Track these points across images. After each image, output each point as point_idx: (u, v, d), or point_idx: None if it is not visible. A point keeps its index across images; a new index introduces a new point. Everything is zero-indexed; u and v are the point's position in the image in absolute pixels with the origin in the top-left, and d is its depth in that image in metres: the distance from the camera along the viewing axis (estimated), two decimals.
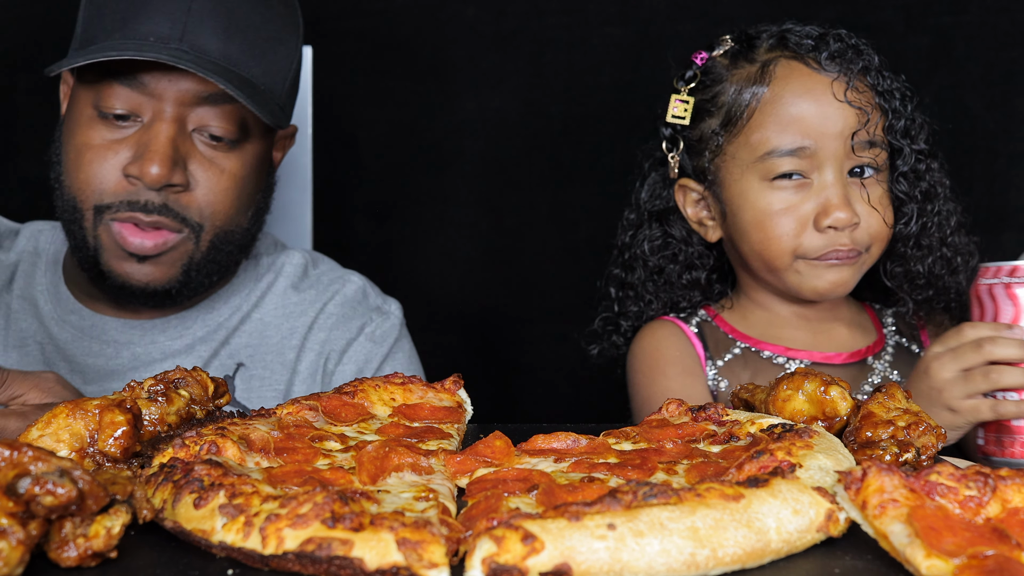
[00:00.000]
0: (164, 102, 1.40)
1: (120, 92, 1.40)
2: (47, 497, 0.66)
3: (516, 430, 0.96)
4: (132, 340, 1.54)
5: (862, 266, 1.45)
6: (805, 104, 1.40)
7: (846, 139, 1.39)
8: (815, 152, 1.39)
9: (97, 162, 1.41)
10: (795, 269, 1.43)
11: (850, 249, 1.41)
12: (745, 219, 1.45)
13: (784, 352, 1.51)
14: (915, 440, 0.90)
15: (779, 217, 1.41)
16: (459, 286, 2.39)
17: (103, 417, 0.88)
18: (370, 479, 0.82)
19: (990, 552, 0.64)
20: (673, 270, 1.58)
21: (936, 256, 1.48)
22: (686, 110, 1.50)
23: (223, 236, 1.48)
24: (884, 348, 1.53)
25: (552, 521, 0.67)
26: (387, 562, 0.66)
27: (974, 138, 2.20)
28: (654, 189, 1.59)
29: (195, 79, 1.39)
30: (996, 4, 2.16)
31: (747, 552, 0.68)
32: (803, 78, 1.42)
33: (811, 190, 1.40)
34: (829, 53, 1.41)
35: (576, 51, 2.30)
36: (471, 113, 2.34)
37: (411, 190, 2.38)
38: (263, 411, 0.98)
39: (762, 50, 1.46)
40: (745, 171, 1.44)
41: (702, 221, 1.54)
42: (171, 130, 1.39)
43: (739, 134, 1.44)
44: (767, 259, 1.44)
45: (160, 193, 1.40)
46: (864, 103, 1.40)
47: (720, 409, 0.97)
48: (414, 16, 2.32)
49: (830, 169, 1.39)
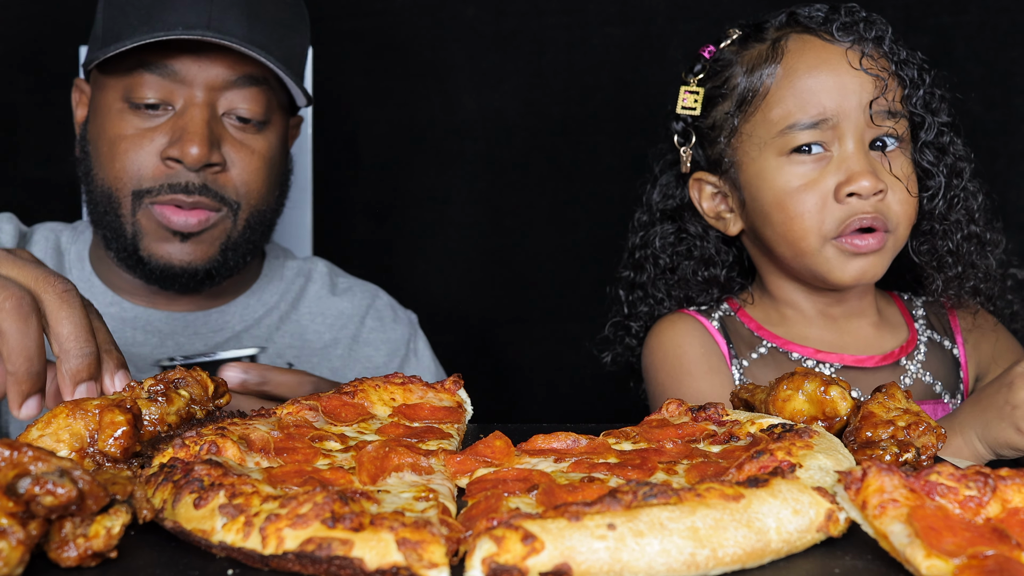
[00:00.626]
0: (194, 88, 1.46)
1: (151, 81, 1.45)
2: (47, 497, 0.66)
3: (516, 430, 0.96)
4: (176, 331, 1.58)
5: (889, 251, 1.40)
6: (822, 75, 1.37)
7: (865, 108, 1.36)
8: (836, 123, 1.36)
9: (133, 150, 1.47)
10: (824, 255, 1.38)
11: (873, 217, 1.35)
12: (766, 200, 1.40)
13: (814, 355, 1.47)
14: (915, 440, 0.90)
15: (800, 193, 1.37)
16: (459, 286, 2.39)
17: (103, 417, 0.88)
18: (370, 479, 0.82)
19: (990, 552, 0.64)
20: (688, 266, 1.54)
21: (964, 233, 1.44)
22: (696, 100, 1.47)
23: (257, 215, 1.54)
24: (916, 347, 1.49)
25: (552, 521, 0.67)
26: (387, 562, 0.66)
27: (974, 138, 2.19)
28: (666, 189, 1.56)
29: (223, 64, 1.46)
30: (996, 4, 2.16)
31: (747, 552, 0.69)
32: (816, 50, 1.39)
33: (831, 163, 1.36)
34: (840, 23, 1.39)
35: (576, 51, 2.30)
36: (471, 113, 2.33)
37: (411, 190, 2.38)
38: (263, 411, 0.98)
39: (771, 29, 1.44)
40: (763, 149, 1.40)
41: (720, 215, 1.50)
42: (205, 113, 1.45)
43: (755, 112, 1.41)
44: (792, 241, 1.39)
45: (199, 174, 1.46)
46: (880, 70, 1.37)
47: (720, 409, 0.97)
48: (414, 16, 2.32)
49: (850, 140, 1.36)
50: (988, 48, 2.17)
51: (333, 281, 1.75)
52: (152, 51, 1.44)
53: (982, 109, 2.19)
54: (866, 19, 1.41)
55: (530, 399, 2.39)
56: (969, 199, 1.45)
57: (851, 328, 1.50)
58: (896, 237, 1.39)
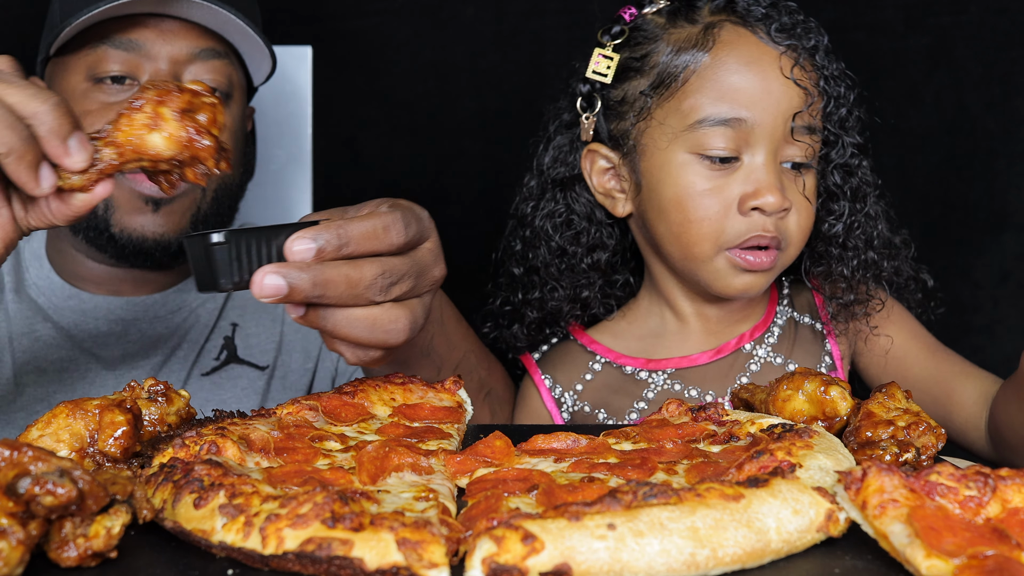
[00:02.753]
0: (158, 61, 1.46)
1: (114, 55, 1.45)
2: (47, 497, 0.66)
3: (516, 430, 0.96)
4: (138, 317, 1.58)
5: (777, 270, 1.35)
6: (749, 74, 1.29)
7: (786, 119, 1.29)
8: (751, 128, 1.28)
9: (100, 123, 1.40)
10: (714, 265, 1.32)
11: (772, 237, 1.29)
12: (665, 195, 1.32)
13: (644, 366, 1.42)
14: (915, 440, 0.90)
15: (703, 197, 1.29)
16: (458, 286, 2.39)
17: (103, 417, 0.88)
18: (370, 479, 0.82)
19: (990, 552, 0.64)
20: (576, 252, 1.45)
21: (861, 260, 1.39)
22: (609, 67, 1.38)
23: (224, 190, 1.56)
24: (769, 330, 1.44)
25: (552, 521, 0.67)
26: (387, 562, 0.66)
27: (974, 138, 2.20)
28: (559, 153, 1.46)
29: (186, 38, 1.47)
30: (996, 4, 2.16)
31: (747, 552, 0.69)
32: (749, 47, 1.30)
33: (740, 170, 1.29)
34: (780, 25, 1.30)
35: (576, 51, 2.30)
36: (471, 113, 2.33)
37: (411, 190, 2.38)
38: (263, 411, 0.98)
39: (705, 11, 1.34)
40: (672, 141, 1.31)
41: (609, 192, 1.41)
42: None
43: (671, 98, 1.32)
44: (685, 244, 1.32)
45: None
46: (809, 84, 1.30)
47: (720, 409, 0.98)
48: (414, 16, 2.32)
49: (763, 149, 1.28)
50: (988, 48, 2.17)
51: None
52: (113, 27, 1.44)
53: (982, 109, 2.19)
54: (804, 23, 1.33)
55: None
56: (870, 225, 1.39)
57: (724, 329, 1.45)
58: (786, 256, 1.34)
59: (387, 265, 0.93)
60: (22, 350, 1.53)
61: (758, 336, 1.44)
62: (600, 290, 1.48)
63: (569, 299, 1.46)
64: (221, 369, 1.62)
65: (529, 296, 1.48)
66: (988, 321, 2.22)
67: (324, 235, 0.88)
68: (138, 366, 1.56)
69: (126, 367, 1.55)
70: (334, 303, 0.90)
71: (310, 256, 0.87)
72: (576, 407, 1.44)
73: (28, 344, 1.54)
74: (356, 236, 0.90)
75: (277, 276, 0.85)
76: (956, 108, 2.19)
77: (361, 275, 0.90)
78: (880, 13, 2.20)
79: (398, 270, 0.94)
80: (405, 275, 0.95)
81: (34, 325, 1.55)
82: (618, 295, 1.52)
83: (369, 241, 0.91)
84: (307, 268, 0.87)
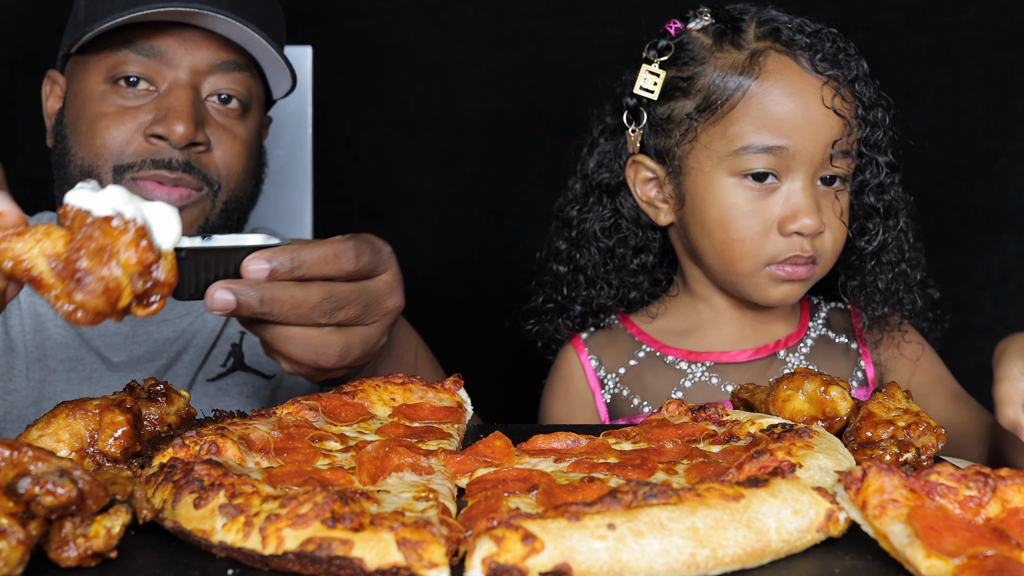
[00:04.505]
0: (179, 70, 1.47)
1: (135, 60, 1.46)
2: (47, 497, 0.66)
3: (516, 430, 0.96)
4: (142, 320, 1.56)
5: (814, 280, 1.42)
6: (792, 104, 1.34)
7: (826, 147, 1.35)
8: (792, 155, 1.34)
9: (115, 126, 1.46)
10: (755, 279, 1.39)
11: (809, 256, 1.37)
12: (709, 214, 1.39)
13: (686, 356, 1.48)
14: (915, 440, 0.90)
15: (745, 218, 1.36)
16: (459, 286, 2.39)
17: (103, 417, 0.88)
18: (370, 479, 0.82)
19: (990, 552, 0.64)
20: (624, 254, 1.51)
21: (895, 272, 1.45)
22: (656, 83, 1.42)
23: (234, 201, 1.54)
24: (803, 340, 1.49)
25: (552, 521, 0.67)
26: (387, 562, 0.66)
27: (974, 138, 2.20)
28: (603, 159, 1.51)
29: (208, 48, 1.47)
30: (996, 4, 2.16)
31: (747, 552, 0.69)
32: (794, 77, 1.35)
33: (779, 193, 1.36)
34: (823, 55, 1.36)
35: (576, 51, 2.30)
36: (471, 113, 2.33)
37: (411, 190, 2.38)
38: (263, 411, 0.98)
39: (751, 36, 1.39)
40: (717, 164, 1.37)
41: (652, 202, 1.47)
42: (190, 94, 1.46)
43: (716, 123, 1.37)
44: (728, 260, 1.39)
45: (183, 152, 1.45)
46: (849, 113, 1.36)
47: (720, 409, 0.97)
48: (414, 16, 2.32)
49: (802, 174, 1.35)
50: (988, 48, 2.17)
51: None
52: (136, 32, 1.45)
53: (982, 109, 2.19)
54: (845, 51, 1.38)
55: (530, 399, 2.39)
56: (902, 239, 1.45)
57: (760, 327, 1.50)
58: (822, 268, 1.41)
59: (334, 290, 0.98)
60: (35, 346, 1.53)
61: (792, 345, 1.49)
62: (647, 290, 1.55)
63: (616, 298, 1.53)
64: (227, 376, 1.60)
65: (574, 294, 1.54)
66: (988, 321, 2.22)
67: (279, 257, 0.94)
68: (143, 368, 1.55)
69: (131, 369, 1.54)
70: (279, 320, 0.96)
71: (263, 275, 0.93)
72: (616, 390, 1.50)
73: (39, 341, 1.53)
74: (308, 260, 0.95)
75: (227, 292, 0.92)
76: (956, 108, 2.20)
77: (307, 297, 0.96)
78: (880, 13, 2.20)
79: (344, 296, 0.99)
80: (352, 302, 1.00)
81: (45, 322, 1.55)
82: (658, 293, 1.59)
83: (320, 266, 0.96)
84: (257, 287, 0.93)
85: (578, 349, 1.54)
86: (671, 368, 1.49)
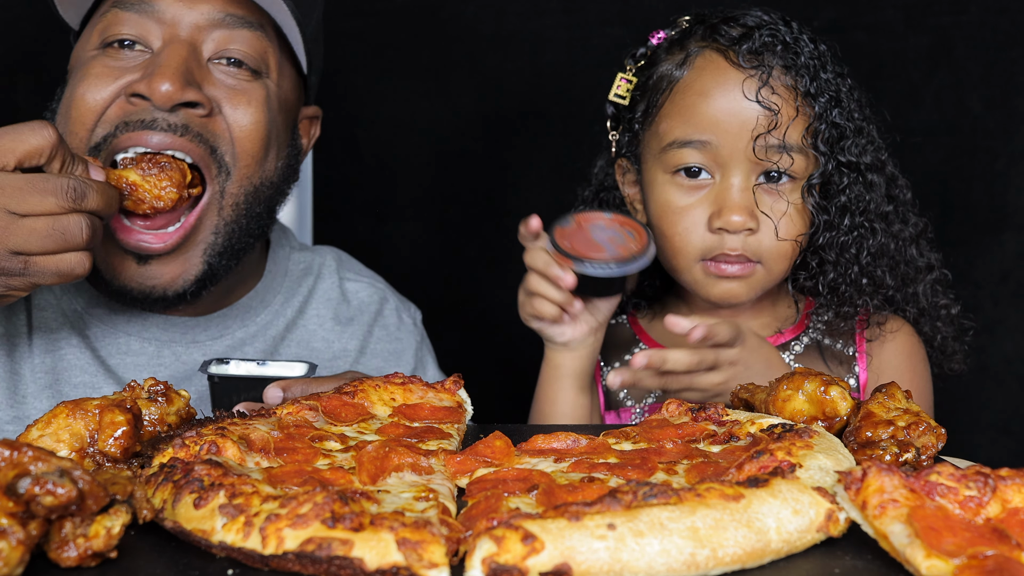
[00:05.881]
0: (177, 28, 1.28)
1: (127, 18, 1.28)
2: (47, 497, 0.66)
3: (516, 430, 0.96)
4: (174, 339, 1.41)
5: (758, 281, 1.38)
6: (712, 98, 1.34)
7: (750, 140, 1.32)
8: (717, 149, 1.33)
9: (93, 88, 1.26)
10: (693, 274, 1.39)
11: (738, 255, 1.35)
12: (651, 211, 1.42)
13: None
14: (915, 440, 0.90)
15: (677, 215, 1.37)
16: (459, 286, 2.39)
17: (103, 417, 0.88)
18: (370, 479, 0.82)
19: (990, 552, 0.64)
20: None
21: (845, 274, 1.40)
22: (628, 90, 1.46)
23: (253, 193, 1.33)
24: (796, 339, 1.48)
25: (552, 521, 0.67)
26: (387, 562, 0.66)
27: (974, 138, 2.20)
28: (603, 165, 1.57)
29: (212, 3, 1.28)
30: (996, 4, 2.16)
31: (747, 552, 0.69)
32: (716, 71, 1.35)
33: (711, 190, 1.35)
34: (751, 47, 1.33)
35: (576, 51, 2.30)
36: (471, 113, 2.33)
37: (411, 190, 2.38)
38: (263, 411, 0.98)
39: (695, 37, 1.40)
40: (654, 162, 1.40)
41: (634, 203, 1.51)
42: (184, 50, 1.26)
43: (652, 122, 1.40)
44: (668, 255, 1.41)
45: (176, 114, 1.25)
46: (776, 104, 1.32)
47: (720, 409, 0.98)
48: (414, 16, 2.31)
49: (733, 171, 1.33)
50: (988, 48, 2.17)
51: (343, 287, 1.61)
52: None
53: (982, 109, 2.19)
54: (789, 44, 1.35)
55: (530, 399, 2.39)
56: (863, 240, 1.40)
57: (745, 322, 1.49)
58: (767, 269, 1.38)
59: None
60: (44, 370, 1.35)
61: (781, 343, 1.48)
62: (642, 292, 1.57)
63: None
64: None
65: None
66: (988, 321, 2.21)
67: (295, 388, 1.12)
68: None
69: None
70: None
71: (278, 401, 1.10)
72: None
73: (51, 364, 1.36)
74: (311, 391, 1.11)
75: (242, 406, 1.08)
76: (956, 108, 2.19)
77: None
78: (880, 13, 2.20)
79: None
80: None
81: (58, 339, 1.37)
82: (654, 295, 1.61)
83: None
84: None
85: None
86: None
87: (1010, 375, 2.22)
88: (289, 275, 1.56)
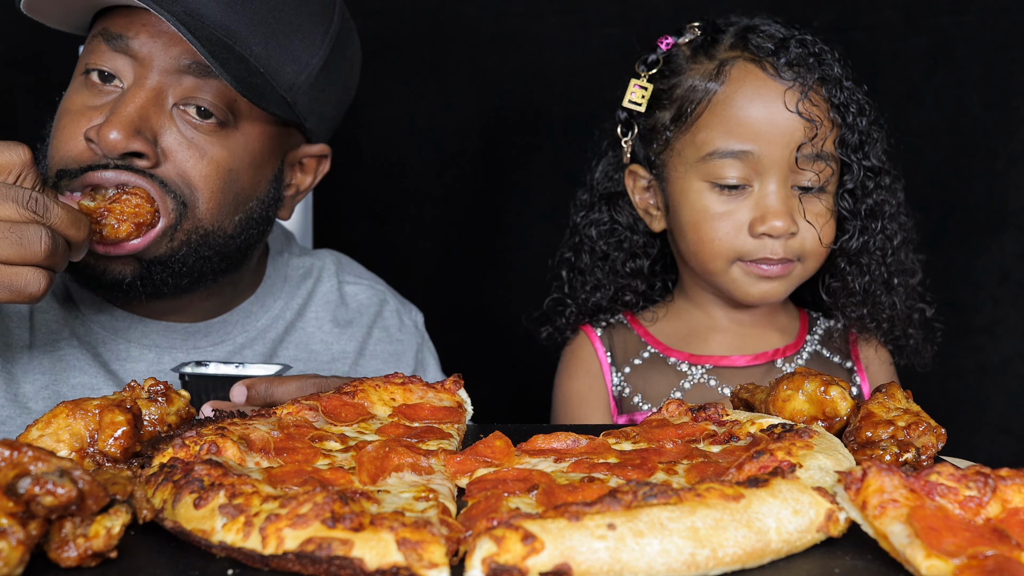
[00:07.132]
0: (147, 69, 1.28)
1: (106, 51, 1.29)
2: (47, 497, 0.66)
3: (516, 430, 0.96)
4: (174, 344, 1.43)
5: (795, 279, 1.45)
6: (754, 109, 1.39)
7: (792, 150, 1.38)
8: (759, 159, 1.38)
9: (69, 126, 1.30)
10: (730, 275, 1.43)
11: (781, 259, 1.40)
12: (684, 218, 1.45)
13: (687, 359, 1.52)
14: (915, 440, 0.90)
15: (716, 220, 1.41)
16: (459, 286, 2.39)
17: (103, 417, 0.88)
18: (370, 479, 0.82)
19: (990, 552, 0.64)
20: (618, 257, 1.58)
21: (874, 275, 1.47)
22: (643, 96, 1.49)
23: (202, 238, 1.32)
24: (799, 352, 1.53)
25: (552, 521, 0.67)
26: (387, 562, 0.66)
27: (974, 138, 2.20)
28: (607, 170, 1.58)
29: (185, 46, 1.26)
30: (996, 4, 2.16)
31: (747, 552, 0.69)
32: (757, 83, 1.40)
33: (751, 197, 1.40)
34: (788, 59, 1.39)
35: (576, 51, 2.30)
36: (471, 113, 2.33)
37: (411, 190, 2.38)
38: (263, 411, 0.98)
39: (723, 47, 1.44)
40: (689, 169, 1.43)
41: (648, 209, 1.54)
42: (144, 97, 1.26)
43: (687, 131, 1.43)
44: (702, 260, 1.45)
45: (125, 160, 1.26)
46: (816, 115, 1.38)
47: (720, 409, 0.98)
48: (414, 16, 2.31)
49: (773, 178, 1.39)
50: (988, 48, 2.17)
51: (342, 290, 1.63)
52: (115, 18, 1.29)
53: (982, 109, 2.19)
54: (817, 55, 1.40)
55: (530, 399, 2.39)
56: (886, 242, 1.47)
57: (756, 334, 1.55)
58: (804, 267, 1.44)
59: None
60: (41, 371, 1.37)
61: (789, 355, 1.53)
62: (643, 294, 1.61)
63: (610, 298, 1.59)
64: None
65: (574, 294, 1.61)
66: (988, 321, 2.22)
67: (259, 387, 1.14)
68: None
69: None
70: None
71: (243, 399, 1.13)
72: (620, 386, 1.54)
73: (48, 364, 1.37)
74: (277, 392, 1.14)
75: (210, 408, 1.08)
76: (956, 108, 2.19)
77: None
78: (880, 13, 2.20)
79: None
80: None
81: (59, 340, 1.39)
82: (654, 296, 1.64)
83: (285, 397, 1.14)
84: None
85: (592, 338, 1.59)
86: (672, 369, 1.52)
87: (1010, 375, 2.22)
88: (288, 280, 1.59)
